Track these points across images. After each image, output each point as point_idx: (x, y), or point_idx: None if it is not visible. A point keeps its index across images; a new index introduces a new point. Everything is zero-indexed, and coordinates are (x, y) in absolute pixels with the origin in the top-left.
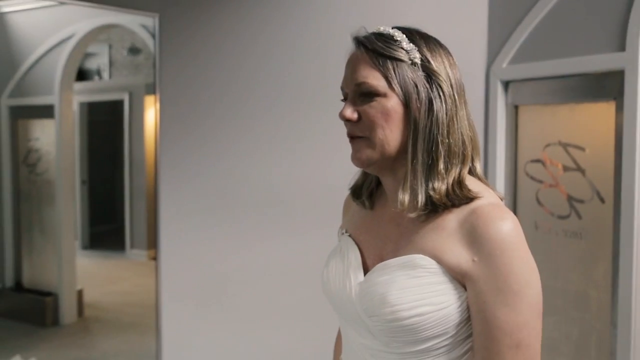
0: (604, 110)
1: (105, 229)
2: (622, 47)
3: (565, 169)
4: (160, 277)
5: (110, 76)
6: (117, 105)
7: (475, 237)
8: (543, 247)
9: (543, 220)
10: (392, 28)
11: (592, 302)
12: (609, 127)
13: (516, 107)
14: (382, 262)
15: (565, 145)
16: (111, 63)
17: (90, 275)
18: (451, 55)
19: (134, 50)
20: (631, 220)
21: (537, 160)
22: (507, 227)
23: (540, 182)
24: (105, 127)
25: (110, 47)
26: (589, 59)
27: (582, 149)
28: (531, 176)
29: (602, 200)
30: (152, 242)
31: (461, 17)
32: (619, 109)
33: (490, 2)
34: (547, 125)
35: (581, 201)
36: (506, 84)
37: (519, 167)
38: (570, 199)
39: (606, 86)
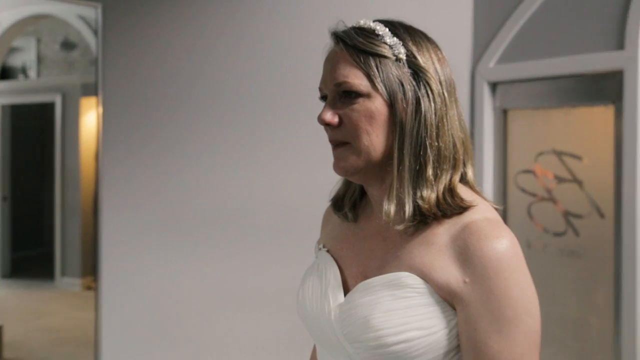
0: (602, 115)
1: (31, 253)
2: (620, 45)
3: (561, 180)
4: (101, 309)
5: (38, 74)
6: (46, 109)
7: (467, 256)
8: (536, 267)
9: (536, 238)
10: (374, 21)
11: (593, 330)
12: (608, 134)
13: (505, 112)
14: (365, 281)
15: (560, 154)
16: (39, 59)
17: (12, 309)
18: (440, 50)
19: (67, 45)
20: (634, 237)
21: (529, 171)
22: (502, 246)
23: (533, 195)
24: (33, 134)
25: (38, 40)
26: (584, 58)
27: (578, 157)
28: (522, 188)
29: (601, 215)
30: (88, 269)
31: (443, 10)
32: (618, 114)
33: None
34: (540, 132)
35: (579, 216)
36: (494, 86)
37: (509, 178)
38: (566, 213)
39: (604, 88)
